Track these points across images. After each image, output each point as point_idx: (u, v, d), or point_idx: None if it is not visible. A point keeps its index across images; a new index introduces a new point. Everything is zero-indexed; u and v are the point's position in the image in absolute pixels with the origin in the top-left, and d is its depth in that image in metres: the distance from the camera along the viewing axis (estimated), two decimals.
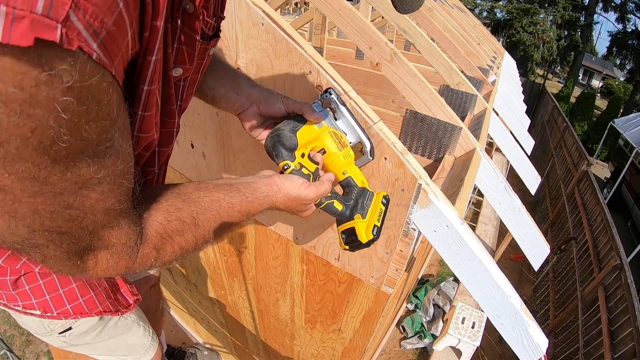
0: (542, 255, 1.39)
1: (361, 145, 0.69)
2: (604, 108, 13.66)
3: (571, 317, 4.08)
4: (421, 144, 1.30)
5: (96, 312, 0.87)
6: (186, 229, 0.47)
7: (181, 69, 0.50)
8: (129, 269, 0.44)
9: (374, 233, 0.64)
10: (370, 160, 0.71)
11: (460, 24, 3.15)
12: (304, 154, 0.65)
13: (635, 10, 14.96)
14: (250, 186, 0.56)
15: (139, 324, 1.07)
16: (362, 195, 0.68)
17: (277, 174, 0.61)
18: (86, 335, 0.92)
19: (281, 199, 0.58)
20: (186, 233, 0.47)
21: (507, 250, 4.93)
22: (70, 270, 0.40)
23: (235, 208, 0.53)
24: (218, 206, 0.51)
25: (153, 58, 0.39)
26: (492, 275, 0.78)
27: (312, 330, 1.34)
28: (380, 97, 2.38)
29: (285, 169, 0.63)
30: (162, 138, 0.55)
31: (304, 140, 0.64)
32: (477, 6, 17.34)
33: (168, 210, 0.46)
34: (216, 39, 0.58)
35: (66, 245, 0.36)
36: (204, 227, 0.49)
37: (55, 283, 0.79)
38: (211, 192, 0.51)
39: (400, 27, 1.83)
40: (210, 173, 1.24)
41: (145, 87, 0.41)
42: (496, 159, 6.14)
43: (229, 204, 0.52)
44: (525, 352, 0.81)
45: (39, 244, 0.35)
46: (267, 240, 1.20)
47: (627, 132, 8.41)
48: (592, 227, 4.63)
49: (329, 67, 0.77)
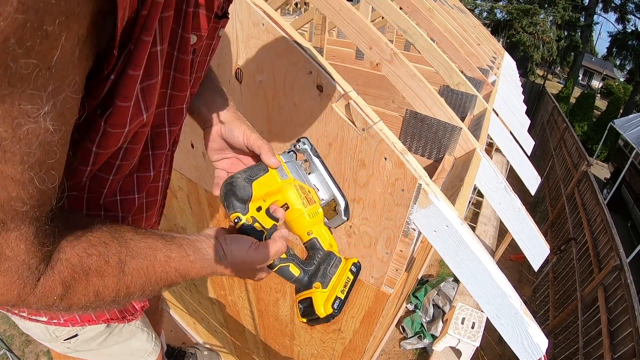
0: (542, 256, 1.39)
1: (335, 204, 0.63)
2: (604, 108, 13.66)
3: (571, 318, 4.08)
4: (421, 144, 1.30)
5: (103, 319, 0.86)
6: (108, 272, 0.38)
7: (196, 37, 0.48)
8: (22, 300, 0.34)
9: (335, 307, 0.55)
10: (345, 221, 0.64)
11: (460, 25, 3.15)
12: (261, 208, 0.57)
13: (635, 11, 14.97)
14: (194, 244, 0.48)
15: (143, 330, 1.07)
16: (326, 260, 0.60)
17: (223, 234, 0.54)
18: (92, 342, 0.91)
19: (227, 265, 0.51)
20: (107, 277, 0.38)
21: (507, 250, 4.92)
22: None
23: (173, 264, 0.45)
24: (153, 256, 0.43)
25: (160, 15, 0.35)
26: (492, 275, 0.78)
27: (312, 330, 1.34)
28: (380, 98, 2.38)
29: (236, 223, 0.56)
30: (171, 114, 0.53)
31: (262, 192, 0.57)
32: (477, 6, 17.35)
33: (91, 241, 0.38)
34: (225, 20, 0.56)
35: None
36: (131, 275, 0.40)
37: None
38: (148, 238, 0.44)
39: (400, 27, 1.83)
40: (210, 173, 1.24)
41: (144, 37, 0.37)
42: (496, 159, 6.14)
43: (166, 257, 0.44)
44: (525, 352, 0.81)
45: None
46: None
47: (627, 133, 8.42)
48: (592, 228, 4.63)
49: (329, 67, 0.77)
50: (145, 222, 0.68)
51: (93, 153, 0.43)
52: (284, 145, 0.94)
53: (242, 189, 0.55)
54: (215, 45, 0.59)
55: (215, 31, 0.56)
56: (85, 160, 0.44)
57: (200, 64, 0.57)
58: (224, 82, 0.98)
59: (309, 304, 0.56)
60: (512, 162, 1.90)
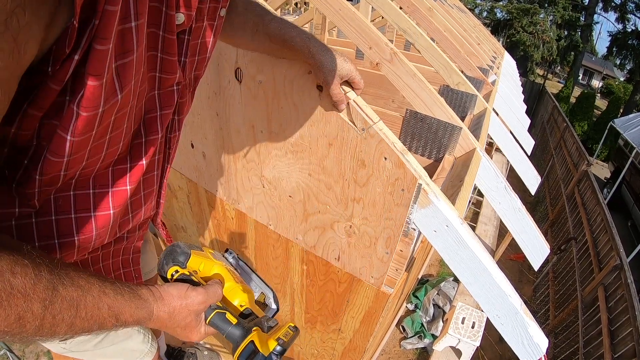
0: (542, 255, 1.39)
1: (264, 297, 0.69)
2: (604, 108, 13.66)
3: (571, 317, 4.08)
4: (421, 144, 1.30)
5: None
6: (35, 296, 0.33)
7: (183, 16, 0.47)
8: None
9: (280, 343, 0.56)
10: (277, 311, 0.69)
11: (460, 24, 3.15)
12: (197, 272, 0.60)
13: (635, 10, 14.96)
14: (130, 286, 0.47)
15: (139, 331, 1.06)
16: (263, 320, 0.61)
17: (160, 284, 0.52)
18: (87, 343, 0.91)
19: (164, 308, 0.49)
20: (33, 301, 0.33)
21: (507, 250, 4.92)
22: None
23: (106, 299, 0.41)
24: (87, 287, 0.39)
25: None
26: (492, 275, 0.78)
27: (312, 330, 1.34)
28: (380, 97, 2.38)
29: (172, 276, 0.57)
30: (162, 98, 0.52)
31: (198, 263, 0.61)
32: (477, 6, 17.34)
33: (18, 260, 0.33)
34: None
35: None
36: (60, 304, 0.36)
37: None
38: (84, 272, 0.41)
39: (400, 27, 1.83)
40: (210, 173, 1.24)
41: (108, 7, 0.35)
42: (496, 159, 6.13)
43: (100, 291, 0.41)
44: (525, 352, 0.80)
45: None
46: (267, 240, 1.20)
47: (627, 132, 8.41)
48: (592, 227, 4.62)
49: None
50: (144, 213, 0.67)
51: (68, 142, 0.42)
52: (283, 145, 0.94)
53: (182, 252, 0.60)
54: (219, 26, 0.58)
55: (215, 11, 0.54)
56: (61, 150, 0.42)
57: (202, 45, 0.56)
58: (223, 83, 0.98)
59: (250, 350, 0.54)
60: (512, 162, 1.90)
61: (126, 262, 0.91)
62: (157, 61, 0.49)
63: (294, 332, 0.62)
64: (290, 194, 1.00)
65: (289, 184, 0.98)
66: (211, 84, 1.03)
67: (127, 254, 0.91)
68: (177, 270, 0.58)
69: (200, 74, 0.63)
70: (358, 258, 0.96)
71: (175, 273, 0.57)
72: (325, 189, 0.90)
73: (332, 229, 0.96)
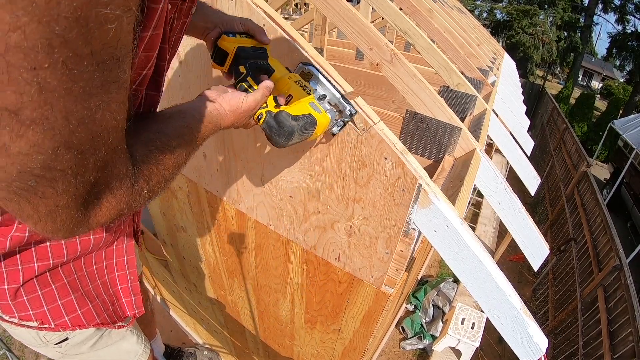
0: (542, 256, 1.39)
1: (338, 107, 0.73)
2: (604, 109, 13.67)
3: (571, 318, 4.08)
4: (421, 144, 1.30)
5: (94, 324, 0.85)
6: (164, 157, 0.49)
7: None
8: (129, 204, 0.44)
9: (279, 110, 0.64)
10: (353, 114, 0.74)
11: (460, 25, 3.15)
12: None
13: (634, 12, 14.98)
14: (201, 110, 0.58)
15: (132, 332, 1.07)
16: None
17: (220, 96, 0.62)
18: (82, 346, 0.91)
19: (229, 119, 0.61)
20: (166, 159, 0.50)
21: (507, 251, 4.93)
22: (70, 221, 0.37)
23: (195, 133, 0.56)
24: (181, 133, 0.53)
25: None
26: (492, 275, 0.78)
27: (312, 331, 1.34)
28: (380, 98, 2.38)
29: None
30: (151, 81, 0.56)
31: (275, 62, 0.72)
32: (477, 7, 17.37)
33: (143, 142, 0.48)
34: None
35: (73, 176, 0.34)
36: (177, 153, 0.52)
37: (54, 294, 0.77)
38: (170, 122, 0.53)
39: (400, 28, 1.83)
40: (210, 173, 1.25)
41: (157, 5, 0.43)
42: (496, 160, 6.14)
43: (189, 130, 0.55)
44: (524, 352, 0.81)
45: (55, 169, 0.32)
46: (267, 241, 1.20)
47: (627, 133, 8.43)
48: (592, 228, 4.63)
49: (330, 68, 0.77)
50: None
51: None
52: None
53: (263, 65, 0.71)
54: (188, 23, 0.65)
55: (189, 10, 0.61)
56: None
57: (176, 42, 0.63)
58: (224, 83, 0.98)
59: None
60: (511, 163, 1.90)
61: (120, 265, 0.93)
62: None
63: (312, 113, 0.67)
64: (291, 194, 1.00)
65: (290, 184, 0.98)
66: (212, 84, 1.03)
67: (120, 255, 0.92)
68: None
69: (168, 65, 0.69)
70: (358, 258, 0.96)
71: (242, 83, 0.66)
72: (326, 189, 0.91)
73: (332, 229, 0.96)
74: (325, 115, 0.68)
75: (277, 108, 0.65)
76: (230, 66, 0.70)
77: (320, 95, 0.71)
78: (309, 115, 0.65)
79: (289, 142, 0.63)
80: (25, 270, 0.71)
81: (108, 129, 0.35)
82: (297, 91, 0.69)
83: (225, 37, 0.69)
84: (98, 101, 0.32)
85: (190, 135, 0.55)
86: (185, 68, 1.09)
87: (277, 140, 0.63)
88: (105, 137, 0.35)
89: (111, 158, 0.37)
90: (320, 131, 0.69)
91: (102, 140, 0.35)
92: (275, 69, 0.71)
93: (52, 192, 0.33)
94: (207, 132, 0.58)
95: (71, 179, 0.34)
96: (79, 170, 0.34)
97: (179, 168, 0.54)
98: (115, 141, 0.37)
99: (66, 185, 0.34)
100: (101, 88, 0.32)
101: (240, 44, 0.69)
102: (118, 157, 0.39)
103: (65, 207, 0.35)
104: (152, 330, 1.58)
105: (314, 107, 0.67)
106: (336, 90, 0.72)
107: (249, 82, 0.65)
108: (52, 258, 0.74)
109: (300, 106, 0.66)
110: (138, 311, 0.96)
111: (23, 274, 0.71)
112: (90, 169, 0.35)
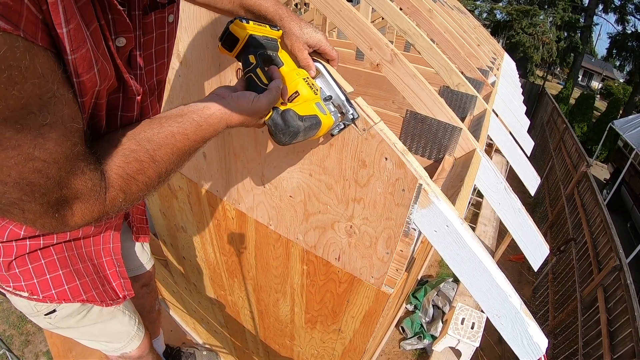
0: (542, 256, 1.39)
1: (341, 108, 0.72)
2: (604, 109, 13.67)
3: (570, 318, 4.08)
4: (421, 144, 1.30)
5: (79, 299, 0.91)
6: (146, 167, 0.49)
7: (124, 39, 0.50)
8: (103, 213, 0.47)
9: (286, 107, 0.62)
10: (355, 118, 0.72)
11: (460, 25, 3.15)
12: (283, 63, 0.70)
13: (634, 12, 14.99)
14: (204, 112, 0.56)
15: (124, 313, 1.09)
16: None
17: (230, 95, 0.60)
18: (70, 319, 0.96)
19: (236, 119, 0.59)
20: (147, 170, 0.50)
21: (507, 251, 4.93)
22: (52, 224, 0.43)
23: (191, 138, 0.54)
24: (173, 140, 0.52)
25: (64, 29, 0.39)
26: (492, 275, 0.78)
27: (312, 331, 1.34)
28: (380, 98, 2.38)
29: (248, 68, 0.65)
30: (123, 103, 0.56)
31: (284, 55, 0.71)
32: (477, 7, 17.36)
33: (124, 153, 0.48)
34: (172, 5, 0.60)
35: (39, 196, 0.40)
36: (163, 162, 0.51)
37: (43, 268, 0.84)
38: (163, 128, 0.52)
39: (400, 28, 1.83)
40: (210, 173, 1.25)
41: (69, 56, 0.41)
42: (496, 160, 6.14)
43: (183, 136, 0.53)
44: (524, 352, 0.81)
45: (14, 198, 0.39)
46: (268, 241, 1.20)
47: (627, 134, 8.43)
48: (592, 228, 4.63)
49: (330, 68, 0.77)
50: None
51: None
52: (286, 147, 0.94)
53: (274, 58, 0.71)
54: (170, 31, 0.63)
55: (163, 20, 0.59)
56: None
57: (158, 53, 0.61)
58: (225, 83, 0.99)
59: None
60: (511, 163, 1.90)
61: (107, 251, 0.99)
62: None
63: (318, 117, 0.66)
64: (291, 194, 1.00)
65: (290, 184, 0.98)
66: (212, 84, 1.03)
67: (107, 242, 0.99)
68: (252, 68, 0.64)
69: (164, 77, 0.68)
70: (358, 258, 0.96)
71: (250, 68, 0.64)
72: (326, 189, 0.91)
73: (332, 229, 0.96)
74: (330, 117, 0.68)
75: (284, 105, 0.63)
76: (239, 53, 0.68)
77: (327, 96, 0.71)
78: (315, 117, 0.64)
79: (292, 141, 0.63)
80: (19, 247, 0.79)
81: (55, 158, 0.39)
82: (305, 89, 0.68)
83: (238, 22, 0.67)
84: (30, 147, 0.36)
85: (184, 141, 0.53)
86: (185, 68, 1.09)
87: (281, 138, 0.62)
88: (53, 165, 0.39)
89: (69, 179, 0.41)
90: (323, 132, 0.69)
91: (51, 169, 0.39)
92: (285, 62, 0.71)
93: (22, 208, 0.40)
94: (208, 134, 0.56)
95: (31, 201, 0.40)
96: (34, 194, 0.39)
97: (167, 174, 0.53)
98: (69, 166, 0.41)
99: (30, 202, 0.40)
100: (29, 136, 0.36)
101: (253, 32, 0.67)
102: (77, 177, 0.42)
103: (44, 214, 0.42)
104: (157, 329, 1.61)
105: (319, 107, 0.66)
106: (341, 92, 0.72)
107: (258, 73, 0.63)
108: (42, 239, 0.82)
109: (307, 106, 0.65)
110: (128, 293, 1.03)
111: (17, 250, 0.79)
112: (47, 192, 0.40)
